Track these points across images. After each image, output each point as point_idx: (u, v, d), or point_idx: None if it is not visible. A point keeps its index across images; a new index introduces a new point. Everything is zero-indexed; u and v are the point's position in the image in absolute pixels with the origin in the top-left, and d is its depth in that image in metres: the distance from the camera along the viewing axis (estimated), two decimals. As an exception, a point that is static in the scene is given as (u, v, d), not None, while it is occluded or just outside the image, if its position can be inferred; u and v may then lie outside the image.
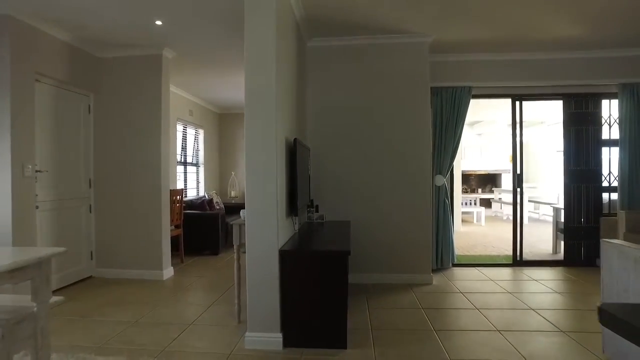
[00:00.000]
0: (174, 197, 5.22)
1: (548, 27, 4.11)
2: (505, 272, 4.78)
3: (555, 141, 10.72)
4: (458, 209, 8.45)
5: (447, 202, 4.90)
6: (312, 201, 4.27)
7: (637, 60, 4.94)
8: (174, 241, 5.42)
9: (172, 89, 6.52)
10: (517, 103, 5.09)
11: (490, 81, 4.89)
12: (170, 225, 5.16)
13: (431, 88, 4.65)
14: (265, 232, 2.66)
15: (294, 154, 3.03)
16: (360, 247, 4.28)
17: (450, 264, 4.95)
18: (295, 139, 3.03)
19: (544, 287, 4.11)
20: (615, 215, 4.97)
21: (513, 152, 5.16)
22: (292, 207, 3.06)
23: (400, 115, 4.32)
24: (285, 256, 2.68)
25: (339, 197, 4.39)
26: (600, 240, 2.47)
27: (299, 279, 2.67)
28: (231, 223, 3.13)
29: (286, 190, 3.00)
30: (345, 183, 4.38)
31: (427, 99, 4.36)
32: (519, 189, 5.24)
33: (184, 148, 7.40)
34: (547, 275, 4.60)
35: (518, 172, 5.18)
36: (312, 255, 2.69)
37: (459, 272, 4.80)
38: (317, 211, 4.26)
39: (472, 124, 11.42)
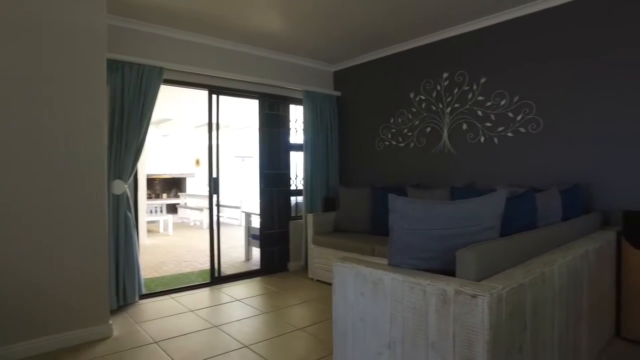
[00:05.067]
0: None
1: (253, 12, 3.65)
2: (205, 296, 4.03)
3: (237, 146, 11.20)
4: (143, 219, 7.24)
5: (130, 215, 3.71)
6: None
7: (319, 73, 5.33)
8: None
9: None
10: (215, 97, 4.45)
11: (186, 65, 4.04)
12: None
13: (109, 61, 3.37)
14: None
15: None
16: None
17: (137, 297, 3.77)
18: None
19: (250, 309, 3.59)
20: (300, 217, 5.14)
21: (209, 153, 4.49)
22: None
23: (59, 92, 2.78)
24: None
25: None
26: (334, 264, 2.02)
27: None
28: None
29: None
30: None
31: (102, 73, 3.02)
32: (215, 196, 4.60)
33: None
34: (248, 291, 4.15)
35: (214, 175, 4.54)
36: None
37: (149, 306, 3.69)
38: None
39: (157, 123, 10.39)
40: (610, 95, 3.11)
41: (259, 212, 4.95)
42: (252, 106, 5.03)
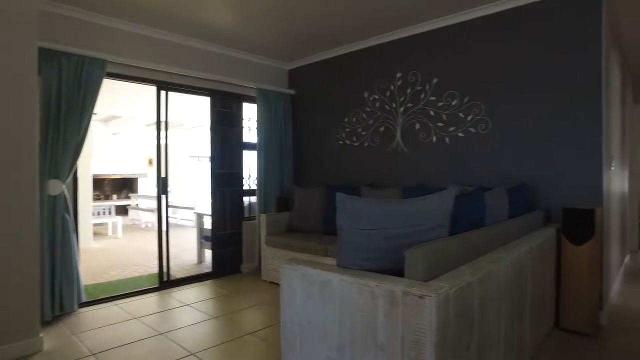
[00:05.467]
0: None
1: (205, 5, 3.50)
2: (152, 302, 3.83)
3: (192, 145, 10.83)
4: (88, 221, 6.84)
5: (68, 217, 3.44)
6: None
7: (273, 71, 5.23)
8: None
9: None
10: (163, 93, 4.24)
11: (132, 58, 3.82)
12: None
13: (45, 50, 3.11)
14: None
15: None
16: None
17: (76, 305, 3.51)
18: None
19: (200, 314, 3.44)
20: (254, 218, 5.02)
21: (157, 152, 4.28)
22: None
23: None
24: None
25: None
26: (280, 266, 1.94)
27: None
28: None
29: None
30: None
31: (32, 63, 2.76)
32: (164, 196, 4.38)
33: None
34: (198, 295, 3.99)
35: (163, 175, 4.33)
36: None
37: (89, 315, 3.44)
38: None
39: (106, 120, 9.88)
40: (549, 98, 3.23)
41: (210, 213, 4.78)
42: (207, 104, 4.85)
